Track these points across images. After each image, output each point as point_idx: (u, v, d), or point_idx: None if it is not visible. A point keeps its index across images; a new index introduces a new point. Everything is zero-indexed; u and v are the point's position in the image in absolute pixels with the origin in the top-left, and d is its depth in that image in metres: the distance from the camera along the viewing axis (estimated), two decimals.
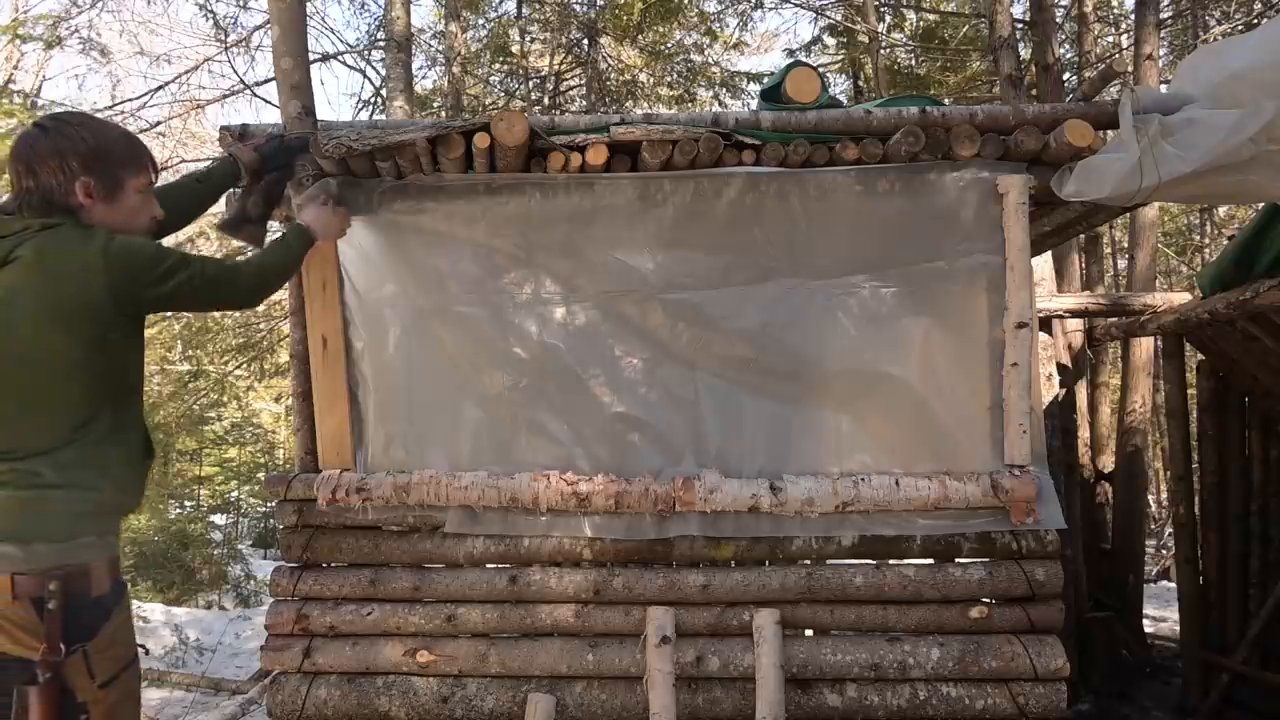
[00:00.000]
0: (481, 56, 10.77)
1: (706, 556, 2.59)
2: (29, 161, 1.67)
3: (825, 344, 2.59)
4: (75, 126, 1.73)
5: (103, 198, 1.72)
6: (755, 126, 2.55)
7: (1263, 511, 4.15)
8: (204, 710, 4.83)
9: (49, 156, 1.67)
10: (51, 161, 1.67)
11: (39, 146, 1.68)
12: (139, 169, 1.80)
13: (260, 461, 14.10)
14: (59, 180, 1.67)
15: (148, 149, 1.87)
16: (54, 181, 1.67)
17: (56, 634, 1.55)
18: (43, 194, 1.67)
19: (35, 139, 1.69)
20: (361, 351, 2.66)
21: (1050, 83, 6.45)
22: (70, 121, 1.75)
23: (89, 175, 1.69)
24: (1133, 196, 2.36)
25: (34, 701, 1.51)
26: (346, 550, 2.65)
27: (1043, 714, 2.42)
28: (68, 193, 1.68)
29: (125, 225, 1.77)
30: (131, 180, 1.78)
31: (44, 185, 1.67)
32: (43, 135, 1.69)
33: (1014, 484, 2.47)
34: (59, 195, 1.68)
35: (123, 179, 1.76)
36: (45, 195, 1.67)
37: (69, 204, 1.69)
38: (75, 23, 7.85)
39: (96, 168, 1.71)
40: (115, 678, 1.64)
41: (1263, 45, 2.23)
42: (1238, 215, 11.14)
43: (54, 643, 1.54)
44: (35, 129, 1.71)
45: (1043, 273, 4.65)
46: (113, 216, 1.74)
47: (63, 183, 1.68)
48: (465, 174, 2.60)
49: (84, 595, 1.60)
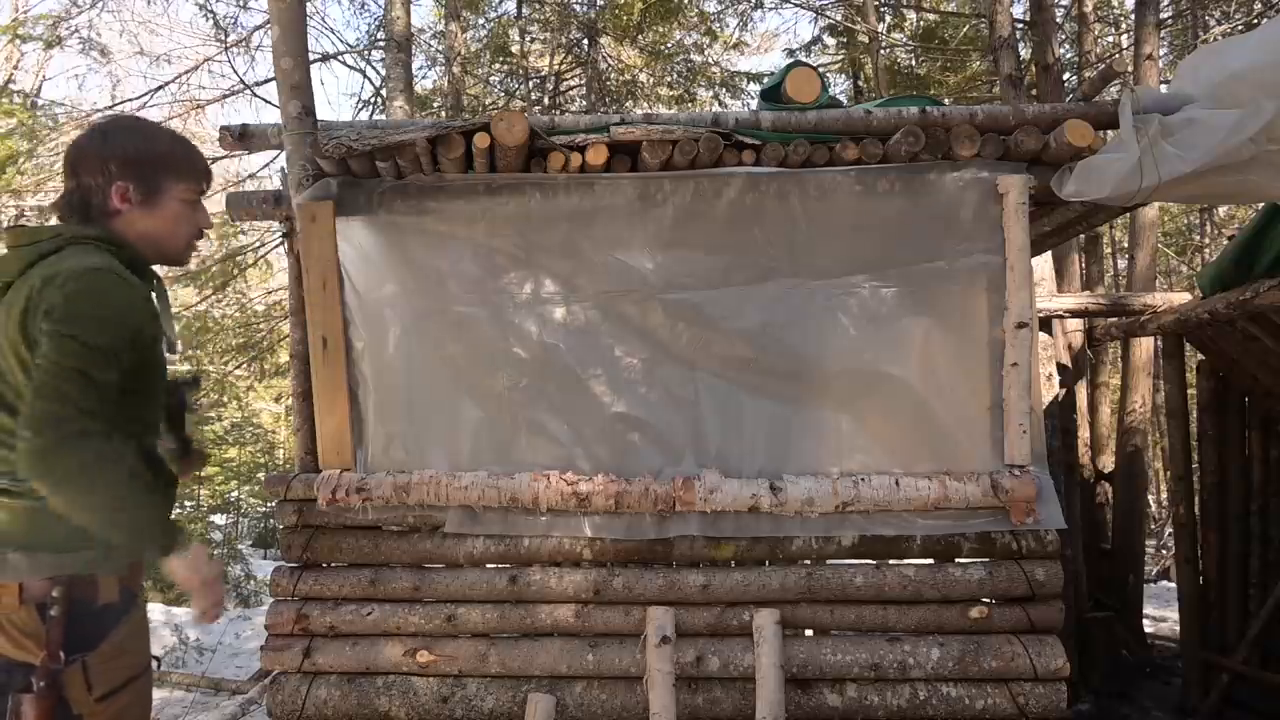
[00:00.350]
0: (481, 56, 10.77)
1: (706, 556, 2.59)
2: (74, 162, 1.66)
3: (825, 344, 2.59)
4: (124, 130, 1.72)
5: (140, 202, 1.69)
6: (755, 126, 2.55)
7: (1263, 511, 4.15)
8: (204, 710, 4.84)
9: (91, 158, 1.65)
10: (93, 163, 1.65)
11: (85, 147, 1.66)
12: (185, 176, 1.76)
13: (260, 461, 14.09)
14: (97, 183, 1.65)
15: (202, 159, 1.82)
16: (93, 183, 1.65)
17: (57, 641, 1.52)
18: (82, 195, 1.66)
19: (83, 140, 1.68)
20: (361, 351, 2.66)
21: (1050, 83, 6.45)
22: (121, 125, 1.74)
23: (127, 179, 1.67)
24: (1133, 196, 2.36)
25: (27, 709, 1.47)
26: (346, 550, 2.65)
27: (1043, 714, 2.42)
28: (105, 196, 1.66)
29: (167, 234, 1.75)
30: (175, 187, 1.73)
31: (84, 186, 1.65)
32: (90, 136, 1.68)
33: (1014, 484, 2.47)
34: (96, 198, 1.66)
35: (165, 185, 1.72)
36: (84, 197, 1.66)
37: (105, 208, 1.66)
38: (75, 23, 7.86)
39: (136, 172, 1.67)
40: (117, 691, 1.58)
41: (1263, 45, 2.23)
42: (1238, 215, 11.14)
43: (54, 650, 1.51)
44: (88, 130, 1.71)
45: (1043, 273, 4.65)
46: (152, 224, 1.71)
47: (100, 185, 1.65)
48: (465, 174, 2.60)
49: (89, 603, 1.57)
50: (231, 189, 7.70)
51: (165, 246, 1.77)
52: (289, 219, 2.76)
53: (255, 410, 14.40)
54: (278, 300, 9.51)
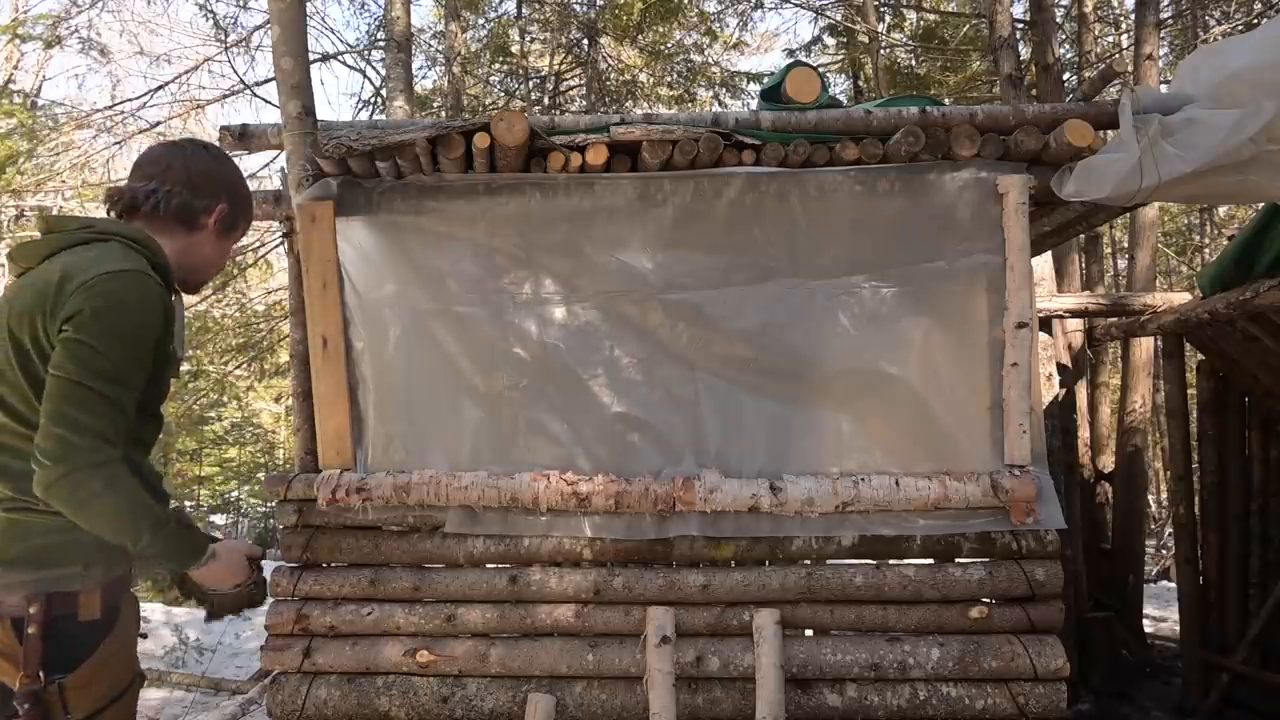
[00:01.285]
0: (481, 56, 10.78)
1: (706, 556, 2.59)
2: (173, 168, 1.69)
3: (825, 344, 2.59)
4: (230, 161, 1.82)
5: (221, 232, 1.77)
6: (755, 126, 2.55)
7: (1263, 511, 4.15)
8: (204, 710, 4.84)
9: (205, 174, 1.72)
10: (205, 179, 1.72)
11: (196, 160, 1.72)
12: (248, 222, 1.87)
13: (260, 461, 14.10)
14: (201, 199, 1.71)
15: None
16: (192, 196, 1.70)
17: (35, 661, 1.44)
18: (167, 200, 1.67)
19: (192, 152, 1.74)
20: (361, 351, 2.66)
21: (1050, 83, 6.45)
22: (225, 155, 1.84)
23: (229, 206, 1.76)
24: (1133, 196, 2.36)
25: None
26: (346, 550, 2.65)
27: (1043, 714, 2.42)
28: (199, 211, 1.71)
29: (213, 266, 1.82)
30: (242, 228, 1.85)
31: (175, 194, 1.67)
32: (203, 153, 1.76)
33: (1014, 484, 2.47)
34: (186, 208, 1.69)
35: (241, 224, 1.84)
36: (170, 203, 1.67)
37: (194, 221, 1.71)
38: (75, 23, 7.86)
39: (236, 203, 1.78)
40: (98, 713, 1.50)
41: (1263, 45, 2.23)
42: (1238, 215, 11.14)
43: (32, 670, 1.43)
44: (194, 144, 1.77)
45: (1043, 273, 4.65)
46: (212, 252, 1.78)
47: (204, 202, 1.72)
48: (465, 174, 2.60)
49: (69, 621, 1.48)
50: None
51: (202, 275, 1.80)
52: (289, 219, 2.76)
53: (255, 410, 14.41)
54: (278, 300, 9.51)
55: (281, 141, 2.61)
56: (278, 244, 7.65)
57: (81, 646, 1.49)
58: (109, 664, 1.53)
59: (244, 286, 9.60)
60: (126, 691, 1.58)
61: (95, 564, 1.52)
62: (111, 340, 1.44)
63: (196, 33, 11.33)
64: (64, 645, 1.47)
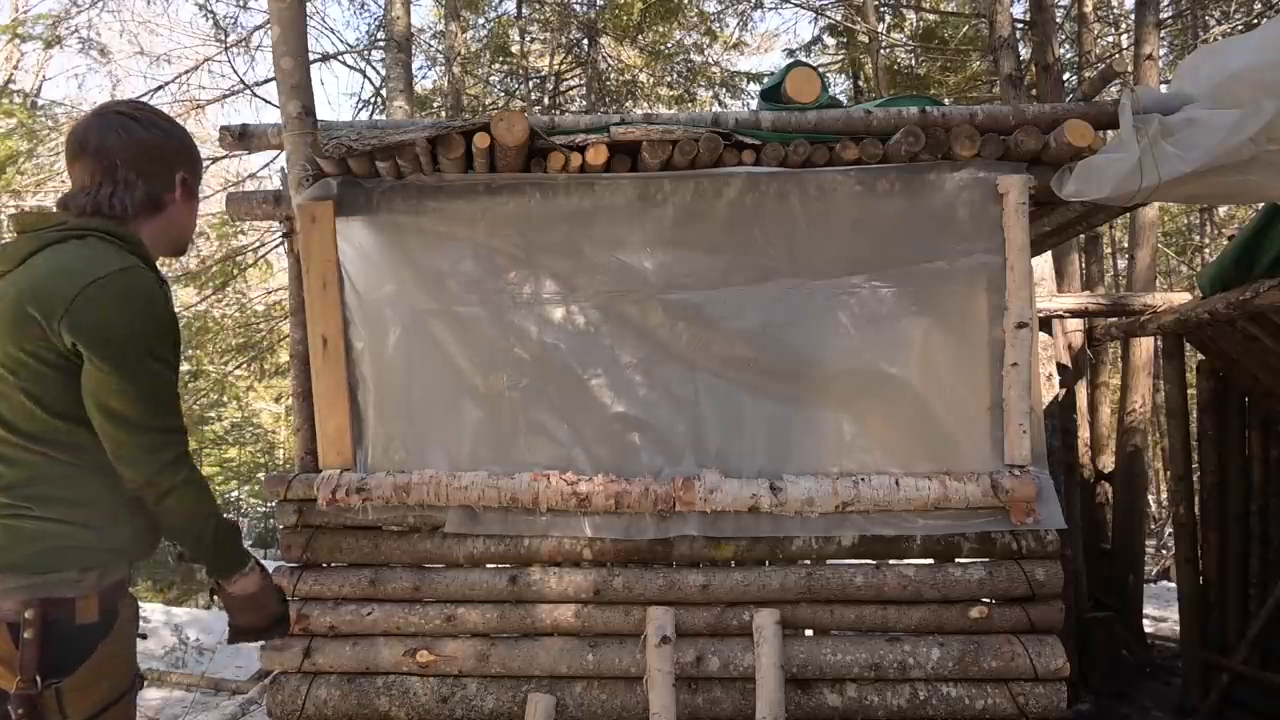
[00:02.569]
0: (481, 56, 10.77)
1: (706, 556, 2.59)
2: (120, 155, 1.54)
3: (825, 344, 2.59)
4: (168, 121, 1.65)
5: (187, 195, 1.65)
6: (755, 126, 2.55)
7: (1263, 511, 4.14)
8: (204, 710, 4.84)
9: (154, 151, 1.57)
10: (156, 156, 1.58)
11: (148, 141, 1.57)
12: (200, 166, 1.71)
13: (260, 461, 14.10)
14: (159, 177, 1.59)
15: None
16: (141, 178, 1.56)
17: (31, 666, 1.41)
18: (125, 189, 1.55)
19: (141, 133, 1.57)
20: (361, 351, 2.66)
21: (1050, 83, 6.45)
22: (157, 115, 1.64)
23: (186, 171, 1.63)
24: (1133, 196, 2.36)
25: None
26: (346, 550, 2.65)
27: (1043, 714, 2.42)
28: (163, 188, 1.60)
29: (190, 225, 1.70)
30: (199, 175, 1.70)
31: (125, 180, 1.55)
32: (146, 129, 1.57)
33: (1014, 484, 2.47)
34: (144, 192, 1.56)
35: (199, 175, 1.69)
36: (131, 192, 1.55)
37: (159, 202, 1.59)
38: (75, 22, 7.86)
39: (191, 163, 1.65)
40: (95, 716, 1.48)
41: (1263, 45, 2.23)
42: (1238, 215, 11.14)
43: (28, 675, 1.40)
44: (132, 121, 1.57)
45: (1043, 273, 4.65)
46: (187, 215, 1.67)
47: (160, 180, 1.59)
48: (465, 174, 2.60)
49: (65, 625, 1.46)
50: (231, 189, 7.70)
51: (183, 239, 1.71)
52: (289, 219, 2.77)
53: (255, 410, 14.41)
54: (278, 300, 9.51)
55: (281, 141, 2.62)
56: (278, 244, 7.66)
57: (78, 650, 1.47)
58: (107, 666, 1.51)
59: (244, 286, 9.60)
60: (126, 693, 1.56)
61: (91, 569, 1.51)
62: (140, 340, 1.46)
63: (196, 33, 11.31)
64: (61, 649, 1.45)
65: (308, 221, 2.60)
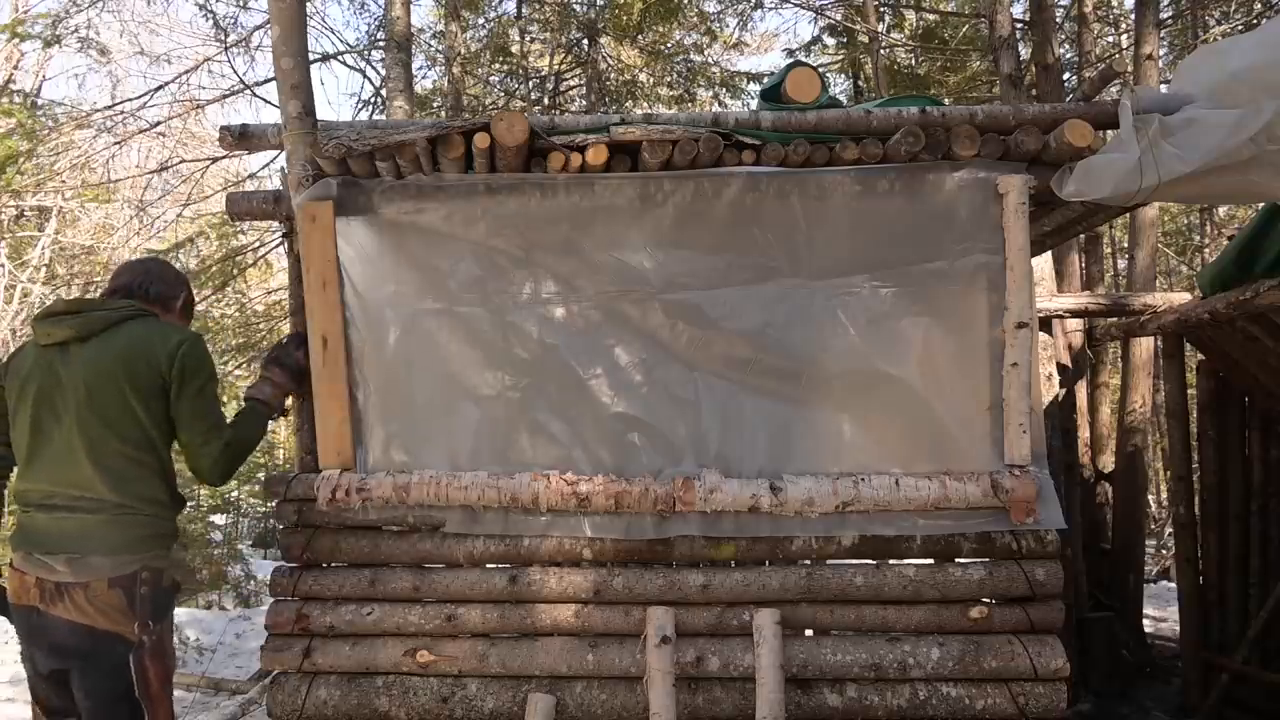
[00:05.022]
0: (481, 56, 10.77)
1: (706, 556, 2.59)
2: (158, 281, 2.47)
3: (825, 344, 2.59)
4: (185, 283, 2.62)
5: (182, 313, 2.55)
6: (755, 126, 2.55)
7: (1263, 511, 4.15)
8: (204, 710, 4.84)
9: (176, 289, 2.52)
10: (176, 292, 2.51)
11: (176, 284, 2.53)
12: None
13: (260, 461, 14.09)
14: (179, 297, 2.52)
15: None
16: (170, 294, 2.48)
17: (146, 613, 2.20)
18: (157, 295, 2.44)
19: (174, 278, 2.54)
20: (361, 351, 2.66)
21: (1050, 83, 6.45)
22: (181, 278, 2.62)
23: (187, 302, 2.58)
24: (1133, 196, 2.36)
25: (145, 661, 2.19)
26: (346, 550, 2.65)
27: (1043, 714, 2.42)
28: (174, 301, 2.49)
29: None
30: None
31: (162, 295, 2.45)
32: (175, 278, 2.54)
33: (1014, 484, 2.47)
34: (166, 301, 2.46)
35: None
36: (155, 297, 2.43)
37: (172, 307, 2.48)
38: (75, 22, 7.85)
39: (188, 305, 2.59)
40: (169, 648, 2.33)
41: (1263, 45, 2.23)
42: (1238, 215, 11.13)
43: (144, 619, 2.20)
44: (172, 270, 2.57)
45: (1043, 273, 4.65)
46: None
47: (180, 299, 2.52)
48: (465, 174, 2.60)
49: (160, 587, 2.27)
50: (231, 189, 7.70)
51: None
52: (289, 219, 2.76)
53: None
54: (278, 300, 9.51)
55: (281, 141, 2.61)
56: (278, 244, 7.65)
57: (168, 603, 2.31)
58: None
59: (244, 286, 9.61)
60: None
61: (168, 547, 2.32)
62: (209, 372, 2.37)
63: (196, 33, 11.33)
64: (159, 603, 2.25)
65: (308, 221, 2.60)
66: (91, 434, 2.17)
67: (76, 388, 2.18)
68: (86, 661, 2.16)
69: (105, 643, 2.15)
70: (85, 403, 2.17)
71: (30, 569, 2.18)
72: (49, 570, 2.15)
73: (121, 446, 2.19)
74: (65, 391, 2.18)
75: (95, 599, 2.14)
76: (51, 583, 2.15)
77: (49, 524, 2.18)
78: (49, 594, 2.15)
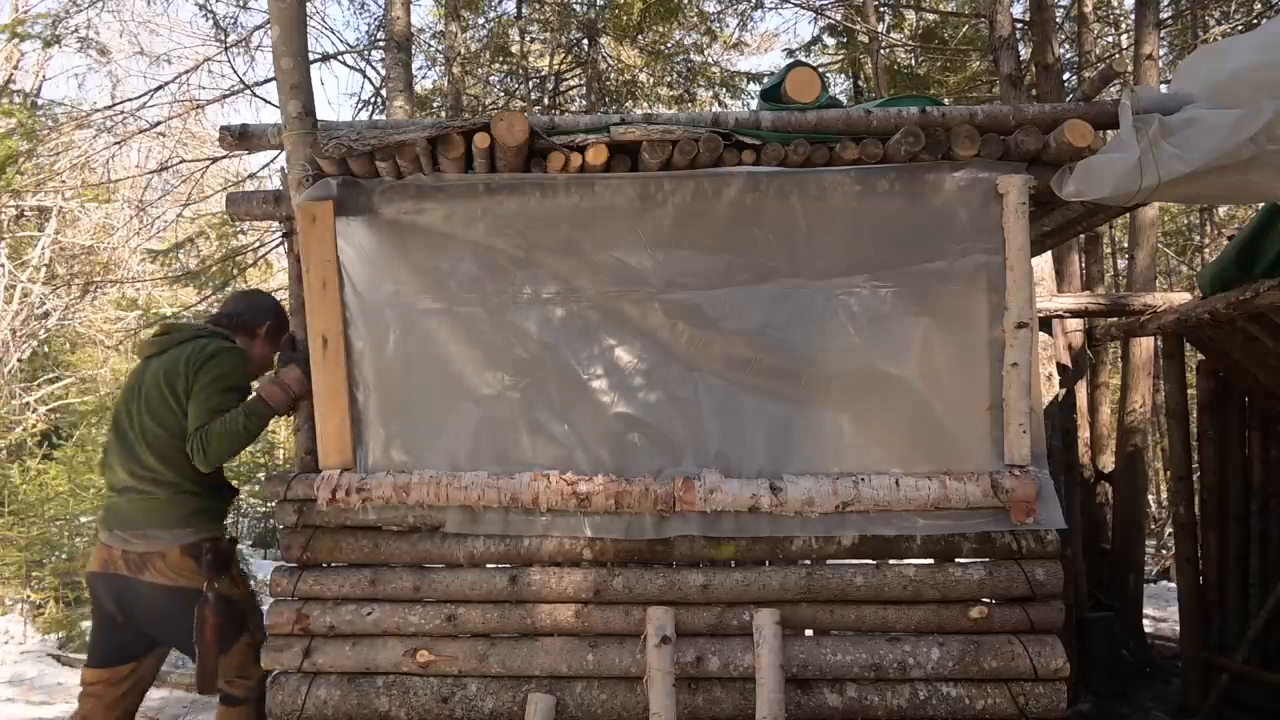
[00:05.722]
0: (481, 56, 10.76)
1: (706, 556, 2.59)
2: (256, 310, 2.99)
3: (825, 344, 2.59)
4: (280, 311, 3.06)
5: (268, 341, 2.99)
6: (755, 126, 2.55)
7: (1263, 511, 4.14)
8: (204, 710, 4.83)
9: (268, 318, 2.98)
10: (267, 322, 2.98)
11: (271, 314, 3.00)
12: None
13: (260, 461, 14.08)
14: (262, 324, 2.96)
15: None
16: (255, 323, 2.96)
17: (210, 572, 2.64)
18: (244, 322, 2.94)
19: (275, 307, 3.05)
20: (361, 351, 2.66)
21: (1050, 83, 6.45)
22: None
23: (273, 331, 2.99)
24: (1133, 196, 2.36)
25: (207, 611, 2.59)
26: (346, 550, 2.65)
27: (1043, 714, 2.42)
28: (254, 330, 2.95)
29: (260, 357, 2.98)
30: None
31: (247, 322, 2.94)
32: (273, 310, 3.03)
33: (1014, 484, 2.47)
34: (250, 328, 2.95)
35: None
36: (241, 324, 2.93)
37: (254, 333, 2.95)
38: (75, 22, 7.85)
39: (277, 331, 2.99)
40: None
41: (1263, 45, 2.23)
42: (1238, 215, 11.13)
43: (210, 577, 2.63)
44: (274, 303, 3.08)
45: (1043, 273, 4.65)
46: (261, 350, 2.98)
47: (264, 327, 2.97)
48: (465, 174, 2.60)
49: (218, 553, 2.69)
50: (231, 189, 7.69)
51: (257, 368, 2.97)
52: (289, 219, 2.76)
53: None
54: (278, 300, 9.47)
55: (281, 141, 2.61)
56: (278, 244, 7.65)
57: (226, 563, 2.73)
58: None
59: (244, 286, 9.59)
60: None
61: (220, 525, 2.81)
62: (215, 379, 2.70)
63: (196, 33, 11.33)
64: (219, 564, 2.68)
65: (308, 221, 2.60)
66: (149, 430, 2.64)
67: (143, 393, 2.68)
68: (176, 614, 2.61)
69: (189, 597, 2.60)
70: (145, 405, 2.66)
71: (115, 544, 2.64)
72: (128, 544, 2.63)
73: (170, 439, 2.63)
74: (137, 397, 2.69)
75: (171, 564, 2.62)
76: (135, 553, 2.62)
77: (124, 505, 2.67)
78: (134, 563, 2.62)
